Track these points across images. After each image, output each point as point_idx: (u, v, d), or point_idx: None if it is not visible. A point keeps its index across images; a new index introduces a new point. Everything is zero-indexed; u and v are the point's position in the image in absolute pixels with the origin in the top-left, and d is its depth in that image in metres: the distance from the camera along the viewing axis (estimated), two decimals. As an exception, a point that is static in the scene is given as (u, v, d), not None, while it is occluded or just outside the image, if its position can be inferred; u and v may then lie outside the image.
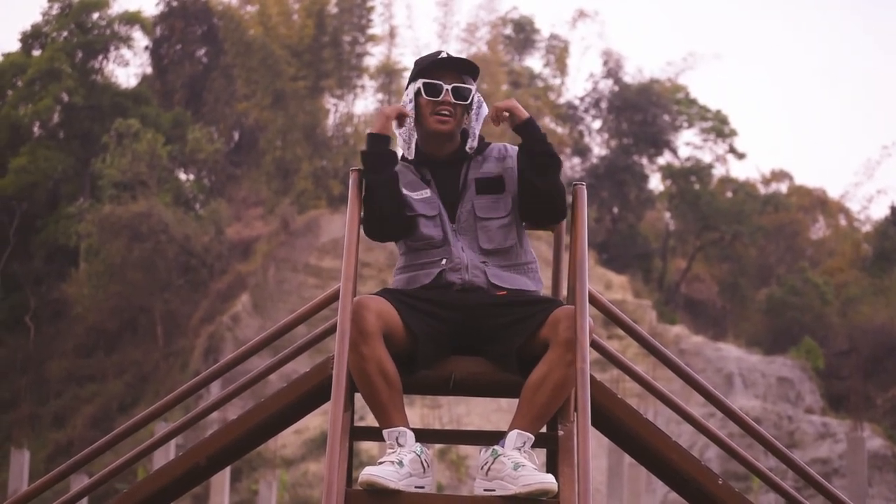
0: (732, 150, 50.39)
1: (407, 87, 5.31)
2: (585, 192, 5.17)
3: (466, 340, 4.99)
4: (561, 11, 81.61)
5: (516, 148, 5.28)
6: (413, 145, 5.24)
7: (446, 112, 5.17)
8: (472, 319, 4.96)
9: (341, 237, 35.64)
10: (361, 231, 5.20)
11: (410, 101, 5.24)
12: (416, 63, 5.30)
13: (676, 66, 52.11)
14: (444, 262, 5.08)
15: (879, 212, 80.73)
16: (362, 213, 5.15)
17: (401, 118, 5.21)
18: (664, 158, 49.69)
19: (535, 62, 53.42)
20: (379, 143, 5.15)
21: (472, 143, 5.25)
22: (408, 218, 5.15)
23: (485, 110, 5.27)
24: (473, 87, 5.22)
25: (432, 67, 5.21)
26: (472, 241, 5.12)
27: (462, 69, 5.24)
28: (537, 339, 4.84)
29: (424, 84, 5.19)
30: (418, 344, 4.89)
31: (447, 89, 5.16)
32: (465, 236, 5.13)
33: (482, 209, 5.16)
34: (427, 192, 5.17)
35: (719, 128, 49.80)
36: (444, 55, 5.23)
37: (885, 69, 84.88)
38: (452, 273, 5.06)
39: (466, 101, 5.20)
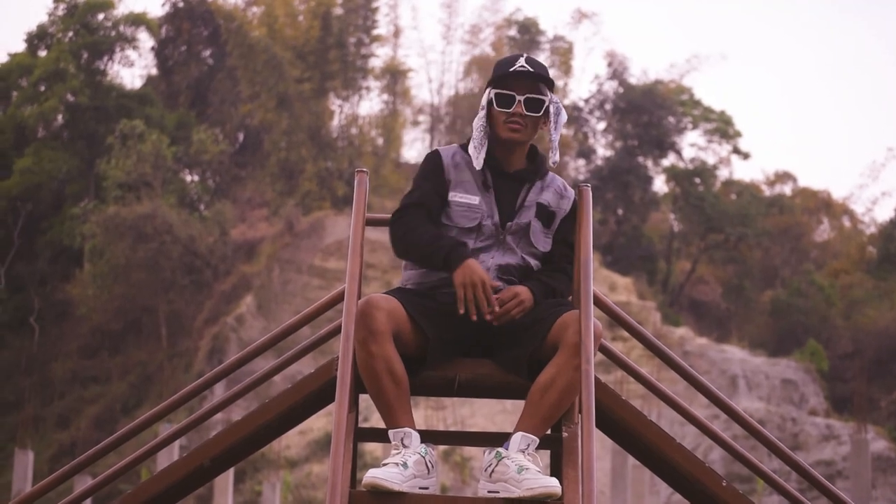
0: (737, 151, 50.38)
1: (484, 92, 5.25)
2: (590, 194, 5.16)
3: (477, 343, 4.98)
4: (564, 12, 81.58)
5: (573, 192, 5.26)
6: (483, 154, 5.13)
7: (518, 122, 5.11)
8: (483, 322, 4.95)
9: (346, 238, 35.67)
10: (365, 232, 5.18)
11: (483, 108, 5.17)
12: (494, 68, 5.22)
13: (680, 67, 52.13)
14: None
15: (884, 214, 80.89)
16: (394, 233, 5.11)
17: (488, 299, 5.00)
18: (668, 160, 49.68)
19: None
20: (438, 266, 5.01)
21: (554, 158, 5.21)
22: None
23: (563, 118, 5.20)
24: (548, 98, 5.15)
25: (507, 77, 5.14)
26: (511, 254, 5.11)
27: (538, 78, 5.16)
28: (546, 343, 4.84)
29: (497, 95, 5.11)
30: (429, 345, 4.88)
31: (519, 100, 5.09)
32: (504, 248, 5.12)
33: (535, 233, 5.15)
34: (476, 199, 5.12)
35: (723, 129, 49.77)
36: (520, 64, 5.14)
37: (890, 71, 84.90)
38: None
39: (538, 112, 5.12)
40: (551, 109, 5.17)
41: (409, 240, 5.04)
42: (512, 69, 5.12)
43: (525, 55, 5.22)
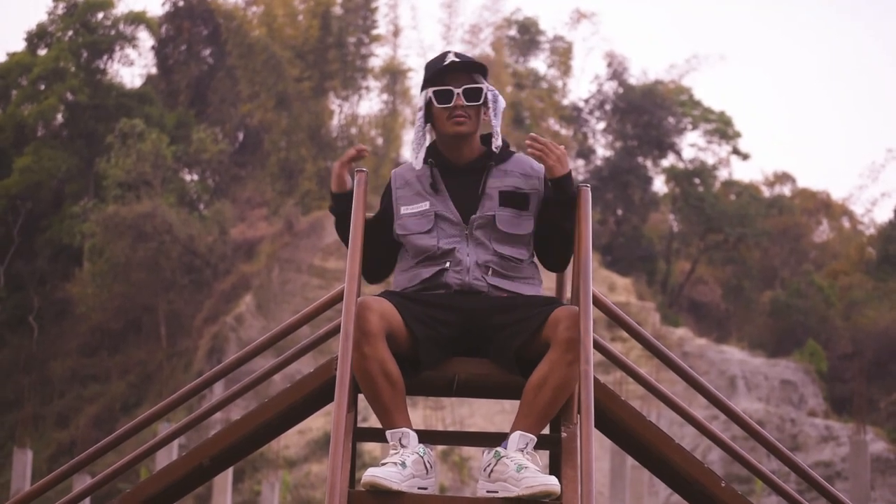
0: (736, 151, 50.38)
1: (419, 95, 5.27)
2: (590, 194, 5.17)
3: (468, 342, 4.99)
4: (563, 13, 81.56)
5: (534, 162, 5.26)
6: (422, 155, 5.16)
7: (461, 114, 5.13)
8: (471, 321, 4.96)
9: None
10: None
11: (420, 110, 5.19)
12: (425, 70, 5.26)
13: (680, 67, 52.11)
14: (447, 264, 5.08)
15: (883, 215, 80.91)
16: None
17: (355, 160, 5.19)
18: (668, 160, 49.68)
19: (539, 64, 53.46)
20: (340, 203, 5.18)
21: (496, 143, 5.20)
22: (393, 252, 5.26)
23: (501, 104, 5.21)
24: (485, 85, 5.17)
25: (440, 73, 5.16)
26: (483, 248, 5.10)
27: (471, 69, 5.19)
28: (538, 340, 4.84)
29: (435, 92, 5.14)
30: (419, 346, 4.89)
31: (458, 93, 5.12)
32: (475, 242, 5.11)
33: (504, 222, 5.13)
34: (425, 205, 5.15)
35: (723, 129, 49.77)
36: (450, 58, 5.17)
37: (889, 72, 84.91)
38: (454, 275, 5.05)
39: (479, 101, 5.15)
40: (489, 96, 5.18)
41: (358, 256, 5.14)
42: (445, 63, 5.15)
43: (451, 51, 5.25)
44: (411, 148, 5.18)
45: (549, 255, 5.26)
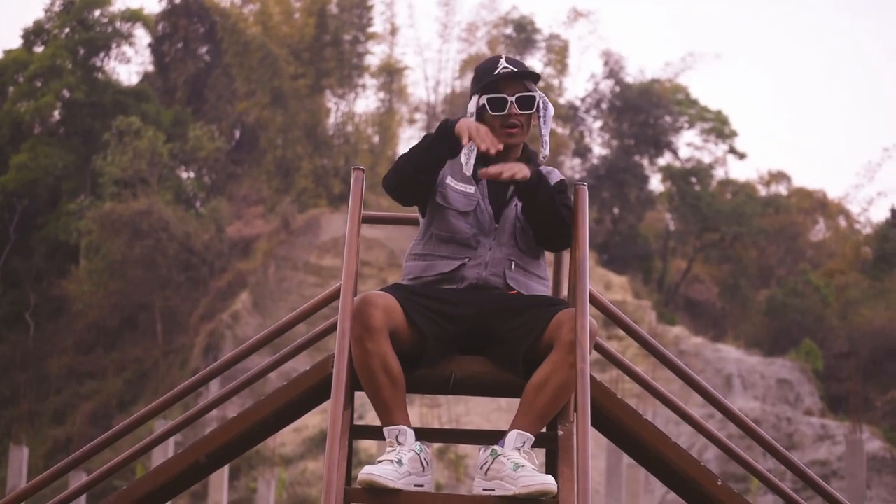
0: (733, 150, 50.41)
1: (470, 98, 5.21)
2: (587, 192, 5.16)
3: (472, 340, 4.98)
4: (560, 11, 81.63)
5: (557, 174, 5.26)
6: (472, 162, 5.07)
7: (515, 124, 5.12)
8: (480, 318, 4.96)
9: (342, 236, 35.69)
10: (361, 230, 5.19)
11: (472, 116, 5.13)
12: (477, 74, 5.21)
13: (675, 66, 52.15)
14: (468, 260, 5.08)
15: (880, 214, 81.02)
16: (390, 173, 5.10)
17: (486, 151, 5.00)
18: (664, 159, 49.69)
19: (535, 62, 53.42)
20: (446, 138, 5.01)
21: (544, 153, 5.20)
22: (424, 194, 5.15)
23: (551, 111, 5.21)
24: (537, 94, 5.15)
25: (494, 81, 5.13)
26: (506, 245, 5.11)
27: (523, 76, 5.17)
28: (541, 341, 4.84)
29: (489, 100, 5.10)
30: (425, 343, 4.88)
31: (511, 101, 5.10)
32: (500, 239, 5.12)
33: (522, 231, 5.14)
34: (471, 189, 5.13)
35: (720, 128, 49.79)
36: (503, 66, 5.13)
37: (886, 71, 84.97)
38: (472, 268, 5.06)
39: (531, 110, 5.14)
40: (540, 104, 5.18)
41: (400, 161, 5.08)
42: (497, 72, 5.13)
43: (503, 56, 5.23)
44: (463, 151, 5.06)
45: (546, 240, 5.18)
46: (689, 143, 50.49)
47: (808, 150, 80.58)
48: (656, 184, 50.52)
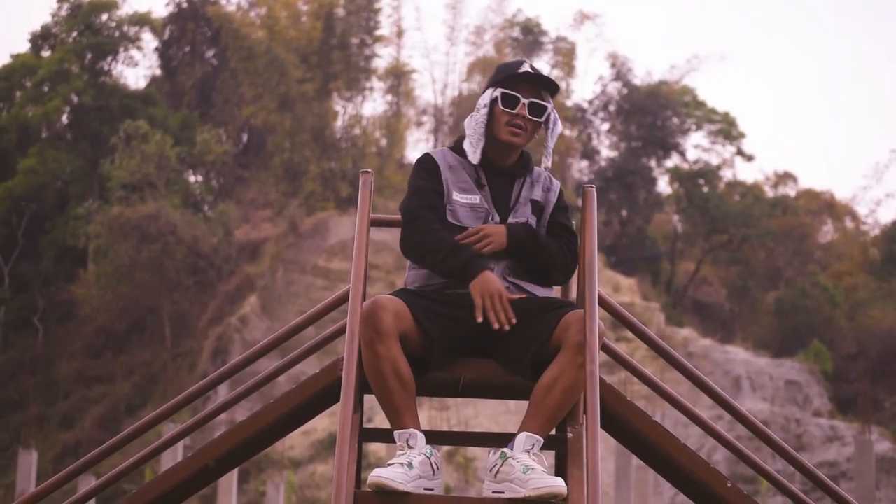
0: (741, 152, 50.37)
1: (484, 91, 5.27)
2: (595, 194, 5.17)
3: (480, 343, 4.99)
4: (567, 14, 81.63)
5: (558, 183, 5.34)
6: (479, 150, 5.17)
7: (520, 125, 5.15)
8: (487, 322, 4.96)
9: (350, 239, 35.68)
10: (370, 233, 5.19)
11: (485, 107, 5.18)
12: (498, 70, 5.27)
13: (681, 68, 52.09)
14: None
15: (887, 215, 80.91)
16: (409, 236, 5.11)
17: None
18: (672, 161, 49.68)
19: (542, 65, 53.44)
20: (456, 276, 5.03)
21: (546, 164, 5.26)
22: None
23: (559, 128, 5.26)
24: (550, 105, 5.20)
25: (513, 78, 5.18)
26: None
27: (542, 84, 5.22)
28: (549, 343, 4.85)
29: (503, 94, 5.15)
30: (433, 346, 4.89)
31: (524, 103, 5.14)
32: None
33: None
34: (477, 198, 5.15)
35: (727, 130, 49.76)
36: (526, 67, 5.19)
37: (892, 73, 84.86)
38: None
39: (540, 118, 5.18)
40: (551, 117, 5.22)
41: (427, 245, 5.06)
42: (520, 70, 5.17)
43: (528, 62, 5.26)
44: (469, 140, 5.16)
45: (544, 278, 5.22)
46: (696, 145, 50.49)
47: (816, 151, 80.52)
48: (664, 186, 50.55)
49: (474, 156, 5.14)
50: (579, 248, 5.15)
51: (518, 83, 5.16)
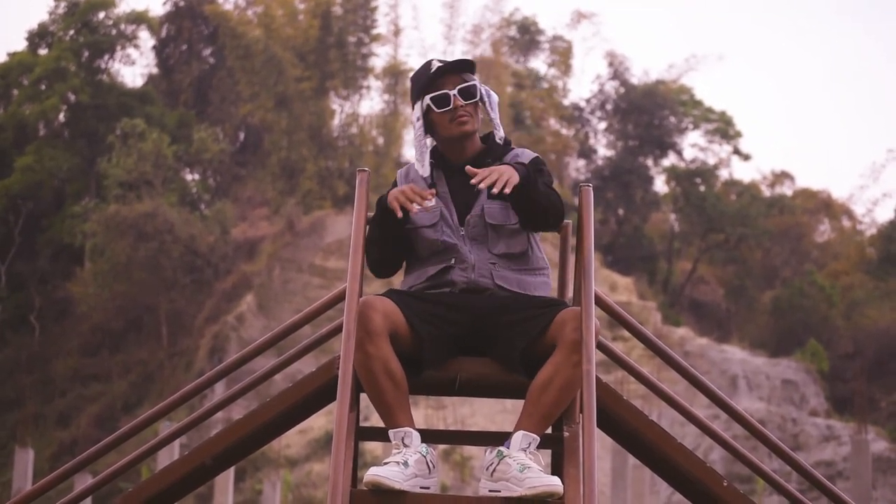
0: (737, 151, 50.40)
1: (413, 107, 5.27)
2: (592, 193, 5.16)
3: (472, 342, 4.99)
4: (563, 13, 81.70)
5: (528, 153, 5.26)
6: (426, 161, 5.18)
7: (463, 114, 5.15)
8: (477, 321, 4.96)
9: (346, 237, 35.68)
10: (367, 231, 5.19)
11: (418, 119, 5.19)
12: (413, 82, 5.27)
13: (679, 67, 52.11)
14: (452, 260, 5.09)
15: (884, 215, 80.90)
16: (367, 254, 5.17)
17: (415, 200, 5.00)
18: (669, 160, 49.70)
19: (539, 64, 53.47)
20: (387, 217, 5.07)
21: (499, 135, 5.25)
22: (400, 247, 5.21)
23: (494, 97, 5.25)
24: (476, 81, 5.20)
25: (432, 80, 5.18)
26: (483, 245, 5.12)
27: (459, 68, 5.22)
28: (544, 341, 4.84)
29: (432, 98, 5.16)
30: (423, 345, 4.89)
31: (454, 94, 5.14)
32: (475, 241, 5.13)
33: (492, 214, 5.13)
34: (430, 202, 5.12)
35: (724, 129, 49.80)
36: (435, 65, 5.20)
37: (890, 73, 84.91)
38: (460, 272, 5.07)
39: (476, 98, 5.17)
40: (482, 91, 5.21)
41: (368, 248, 5.15)
42: (433, 71, 5.19)
43: (434, 59, 5.29)
44: (415, 158, 5.18)
45: (539, 225, 5.18)
46: (693, 144, 50.54)
47: (813, 150, 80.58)
48: (661, 185, 50.59)
49: (423, 168, 5.16)
50: (577, 245, 5.13)
51: (438, 81, 5.17)
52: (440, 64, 5.20)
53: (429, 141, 5.25)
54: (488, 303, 5.00)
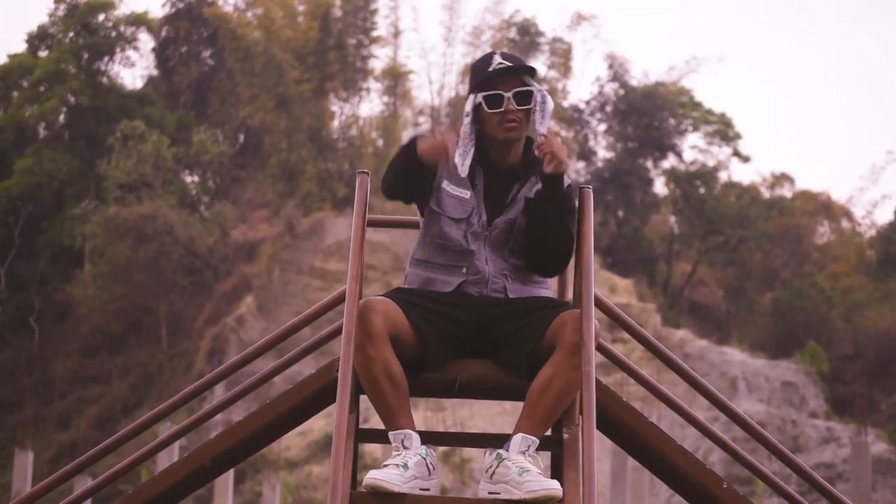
0: (737, 153, 50.39)
1: (466, 98, 5.13)
2: (591, 195, 5.14)
3: (475, 342, 4.97)
4: (563, 15, 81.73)
5: (565, 178, 5.12)
6: (468, 162, 5.02)
7: (513, 119, 5.03)
8: (482, 322, 4.94)
9: (346, 239, 35.66)
10: (367, 233, 5.17)
11: (467, 115, 5.06)
12: (473, 73, 5.15)
13: (679, 69, 52.09)
14: (464, 270, 5.03)
15: (884, 217, 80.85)
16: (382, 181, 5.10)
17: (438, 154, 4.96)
18: (669, 162, 49.70)
19: (539, 66, 53.43)
20: (416, 161, 4.96)
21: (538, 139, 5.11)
22: (419, 193, 5.09)
23: (550, 105, 5.09)
24: (534, 87, 5.07)
25: (490, 77, 5.04)
26: (499, 253, 5.06)
27: (520, 71, 5.08)
28: (544, 343, 4.82)
29: (485, 97, 5.02)
30: (428, 346, 4.87)
31: (508, 97, 5.01)
32: (493, 247, 5.06)
33: (520, 230, 5.05)
34: (467, 194, 5.07)
35: (724, 131, 49.78)
36: (497, 60, 5.07)
37: (890, 74, 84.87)
38: (472, 286, 5.02)
39: (529, 104, 5.04)
40: (538, 98, 5.07)
41: (390, 169, 5.06)
42: (492, 68, 5.05)
43: (498, 52, 5.16)
44: (458, 153, 5.00)
45: (543, 258, 5.10)
46: (693, 146, 50.50)
47: (812, 152, 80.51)
48: (660, 187, 50.56)
49: (462, 168, 5.01)
50: (577, 247, 5.10)
51: (496, 79, 5.04)
52: (501, 62, 5.07)
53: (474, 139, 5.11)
54: (493, 304, 4.97)
